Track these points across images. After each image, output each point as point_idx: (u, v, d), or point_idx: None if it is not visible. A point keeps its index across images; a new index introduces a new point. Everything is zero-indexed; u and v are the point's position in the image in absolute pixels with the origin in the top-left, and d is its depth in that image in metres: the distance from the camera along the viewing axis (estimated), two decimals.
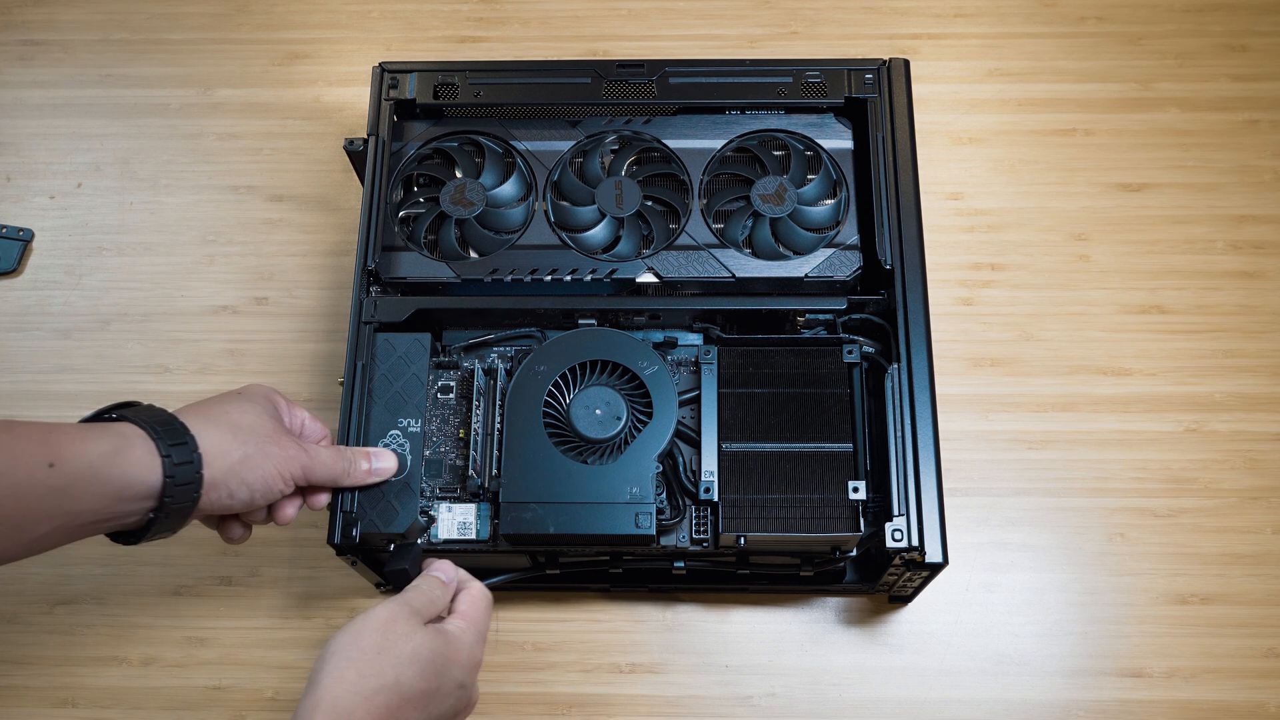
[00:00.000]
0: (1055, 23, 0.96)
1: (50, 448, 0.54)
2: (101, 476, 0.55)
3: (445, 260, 0.74)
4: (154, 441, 0.57)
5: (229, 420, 0.61)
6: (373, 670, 0.55)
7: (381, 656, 0.56)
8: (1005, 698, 0.75)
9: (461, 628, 0.60)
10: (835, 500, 0.66)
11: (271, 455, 0.61)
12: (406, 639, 0.57)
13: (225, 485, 0.60)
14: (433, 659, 0.57)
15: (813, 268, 0.73)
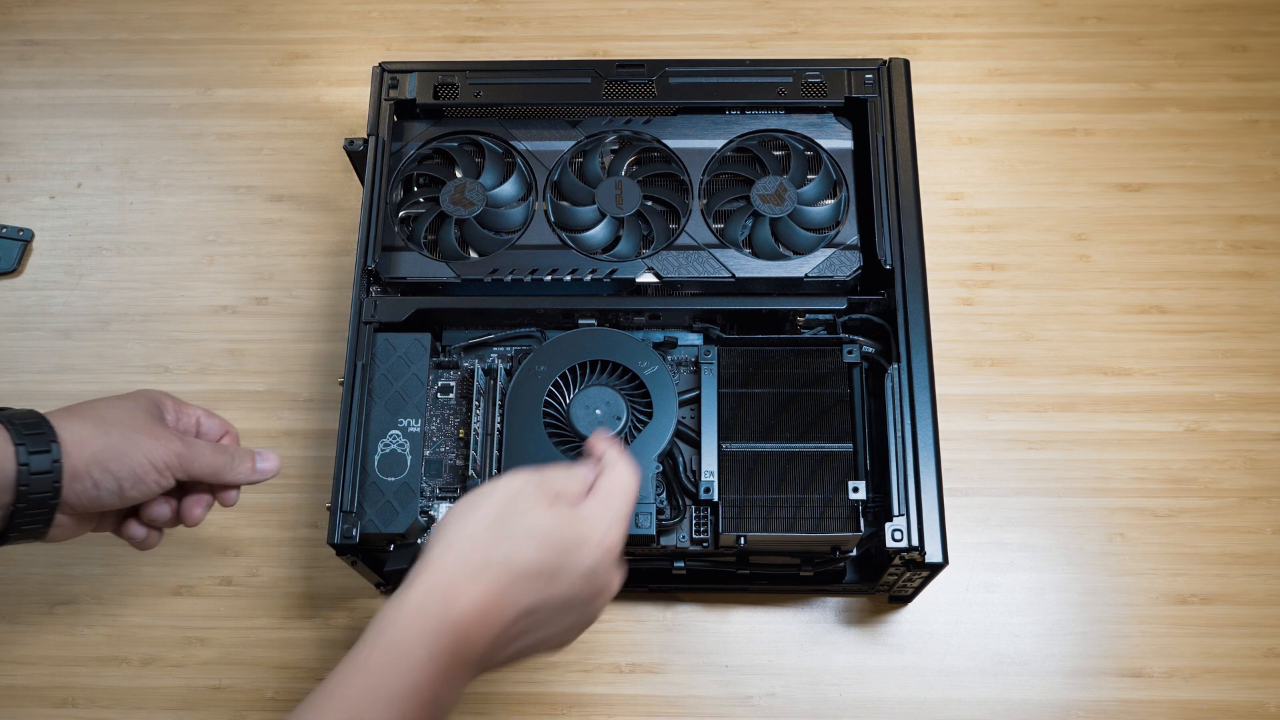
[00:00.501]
0: (1055, 23, 0.96)
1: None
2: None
3: (445, 260, 0.74)
4: (7, 431, 0.56)
5: (95, 414, 0.60)
6: (488, 542, 0.51)
7: (495, 530, 0.52)
8: (1005, 698, 0.75)
9: (594, 509, 0.54)
10: (835, 500, 0.66)
11: (140, 445, 0.60)
12: (525, 515, 0.52)
13: (89, 475, 0.59)
14: (553, 537, 0.52)
15: (813, 268, 0.73)
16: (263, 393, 0.85)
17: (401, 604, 0.50)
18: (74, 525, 0.61)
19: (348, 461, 0.68)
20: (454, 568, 0.51)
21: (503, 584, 0.51)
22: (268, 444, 0.84)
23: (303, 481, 0.82)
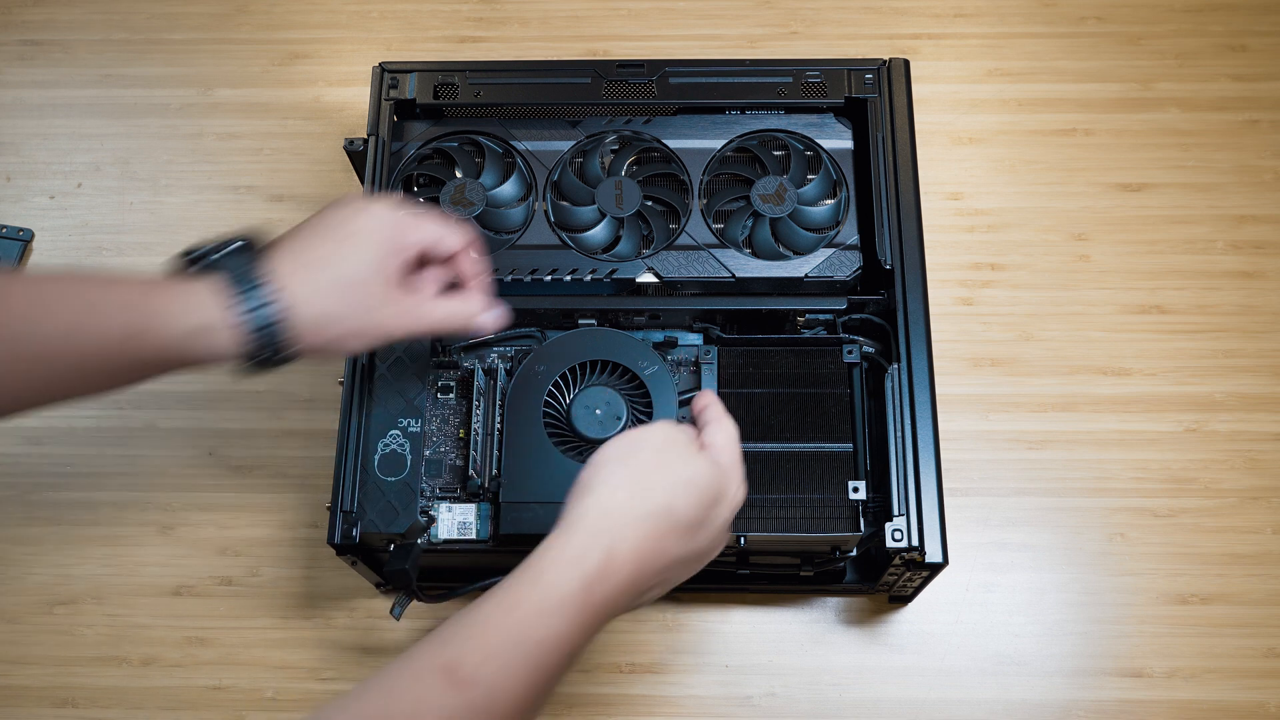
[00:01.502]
0: (1055, 23, 0.96)
1: (136, 317, 0.52)
2: (183, 351, 0.53)
3: None
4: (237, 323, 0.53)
5: (330, 280, 0.55)
6: (647, 489, 0.51)
7: (659, 475, 0.52)
8: (1005, 698, 0.75)
9: (731, 460, 0.56)
10: (835, 500, 0.66)
11: (377, 322, 0.57)
12: (685, 463, 0.53)
13: (326, 349, 0.56)
14: (708, 488, 0.53)
15: (813, 268, 0.73)
16: (263, 393, 0.85)
17: (565, 544, 0.50)
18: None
19: (348, 461, 0.68)
20: (620, 511, 0.51)
21: (661, 533, 0.51)
22: (267, 443, 0.84)
23: (303, 481, 0.82)
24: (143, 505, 0.82)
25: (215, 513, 0.82)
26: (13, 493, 0.83)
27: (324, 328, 0.55)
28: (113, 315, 0.52)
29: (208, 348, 0.53)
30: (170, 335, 0.52)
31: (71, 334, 0.51)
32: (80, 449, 0.84)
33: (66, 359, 0.51)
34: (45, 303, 0.51)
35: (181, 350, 0.53)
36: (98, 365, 0.52)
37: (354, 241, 0.57)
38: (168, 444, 0.84)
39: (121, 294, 0.53)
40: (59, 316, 0.51)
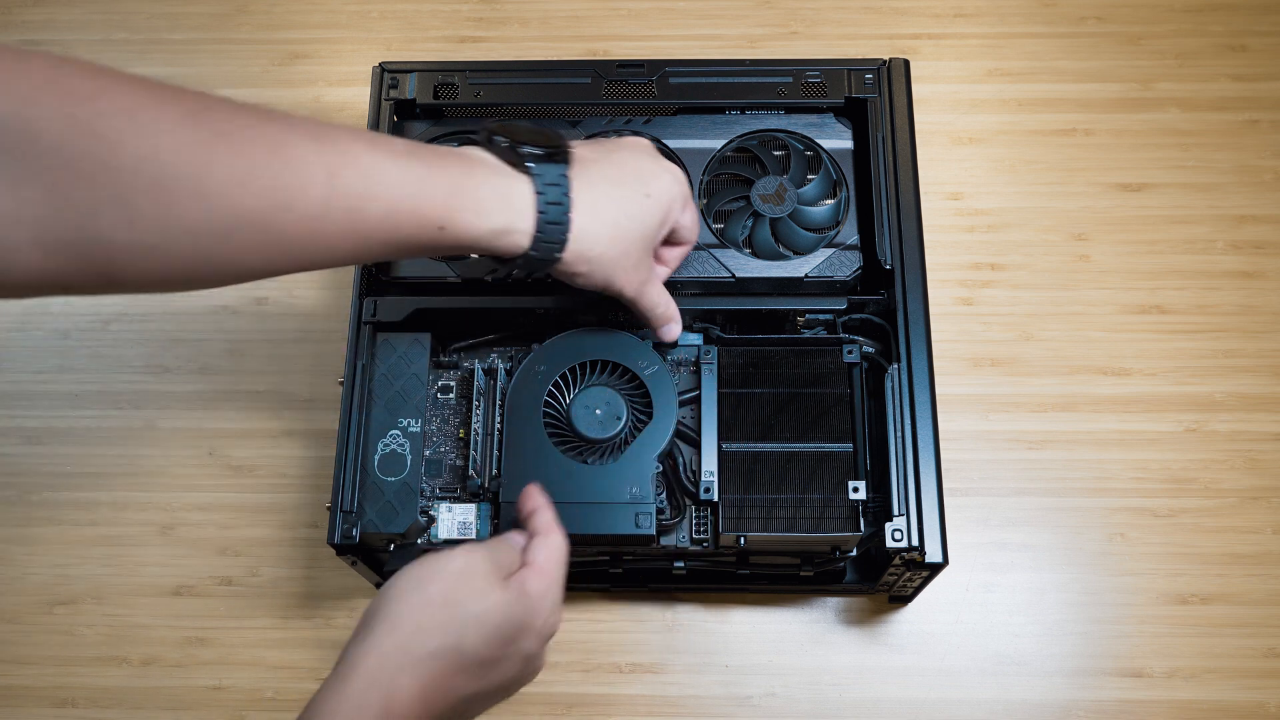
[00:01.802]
0: (1055, 23, 0.96)
1: (448, 213, 0.54)
2: (480, 246, 0.56)
3: (445, 260, 0.74)
4: (537, 236, 0.57)
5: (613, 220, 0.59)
6: (428, 629, 0.50)
7: (444, 612, 0.51)
8: (1005, 698, 0.75)
9: (542, 590, 0.54)
10: (835, 500, 0.66)
11: (615, 272, 0.61)
12: (481, 597, 0.51)
13: (572, 276, 0.60)
14: (504, 625, 0.51)
15: (813, 268, 0.73)
16: (263, 393, 0.85)
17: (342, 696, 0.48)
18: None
19: (348, 461, 0.68)
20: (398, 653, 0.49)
21: (446, 674, 0.50)
22: (267, 443, 0.84)
23: (303, 481, 0.82)
24: (143, 505, 0.82)
25: (215, 513, 0.82)
26: (13, 493, 0.83)
27: (584, 260, 0.59)
28: (431, 206, 0.53)
29: (500, 245, 0.56)
30: (476, 232, 0.55)
31: (389, 217, 0.52)
32: (80, 449, 0.84)
33: (380, 236, 0.53)
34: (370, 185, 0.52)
35: (479, 243, 0.56)
36: (403, 246, 0.54)
37: (646, 203, 0.61)
38: (168, 444, 0.84)
39: (443, 180, 0.54)
40: (380, 200, 0.52)
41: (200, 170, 0.46)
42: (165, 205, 0.45)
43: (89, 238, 0.44)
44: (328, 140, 0.51)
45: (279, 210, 0.49)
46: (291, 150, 0.49)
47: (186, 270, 0.48)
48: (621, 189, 0.60)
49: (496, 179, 0.56)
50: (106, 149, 0.44)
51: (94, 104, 0.43)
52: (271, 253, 0.50)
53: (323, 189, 0.50)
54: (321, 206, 0.50)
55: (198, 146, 0.46)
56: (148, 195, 0.45)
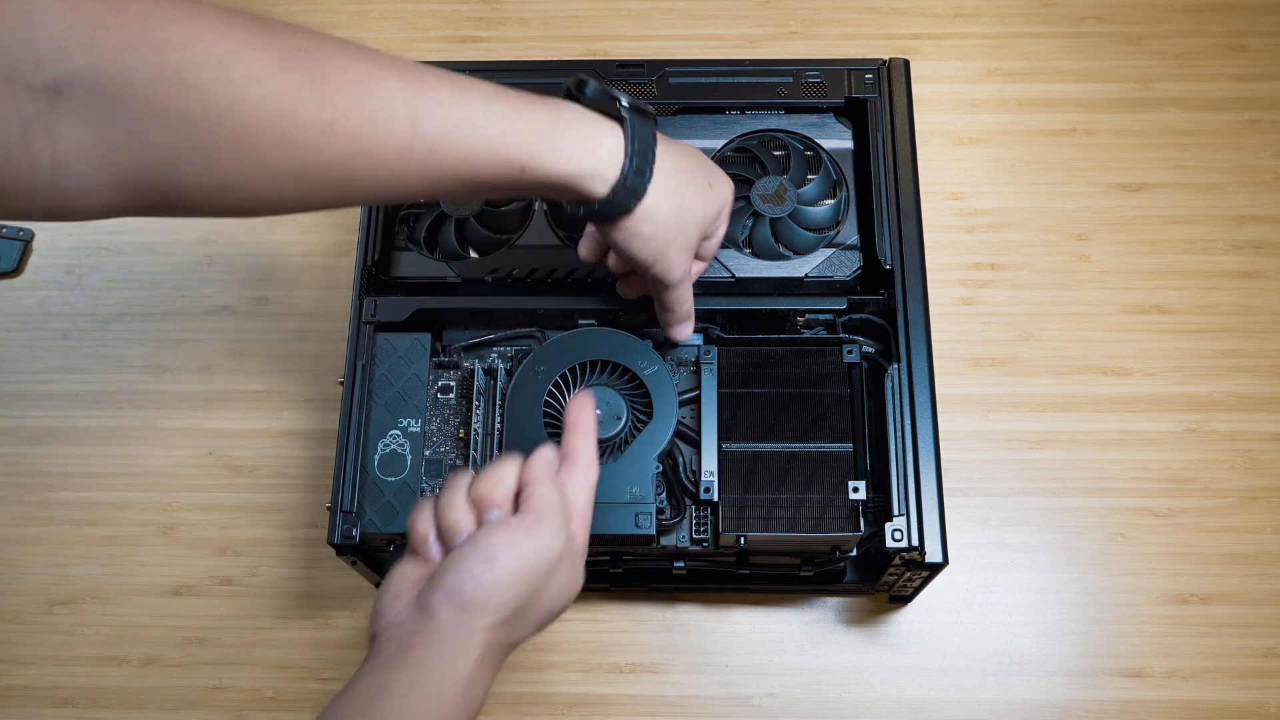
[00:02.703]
0: (1055, 23, 0.96)
1: (531, 157, 0.54)
2: (558, 189, 0.56)
3: (445, 260, 0.74)
4: (620, 175, 0.57)
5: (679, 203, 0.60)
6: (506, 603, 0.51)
7: (529, 590, 0.52)
8: (1005, 698, 0.75)
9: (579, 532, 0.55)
10: (835, 500, 0.66)
11: (665, 254, 0.61)
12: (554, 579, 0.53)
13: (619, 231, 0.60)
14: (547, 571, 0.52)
15: (813, 268, 0.73)
16: (263, 393, 0.85)
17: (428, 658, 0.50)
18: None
19: (348, 461, 0.68)
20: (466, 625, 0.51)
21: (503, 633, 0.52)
22: (267, 443, 0.84)
23: (303, 481, 0.82)
24: (143, 505, 0.82)
25: (215, 513, 0.82)
26: (13, 493, 0.83)
27: (650, 220, 0.59)
28: (515, 150, 0.54)
29: (583, 188, 0.56)
30: (558, 174, 0.55)
31: (468, 160, 0.53)
32: (80, 449, 0.84)
33: (458, 176, 0.53)
34: (454, 130, 0.52)
35: (559, 184, 0.56)
36: (480, 187, 0.55)
37: (708, 196, 0.63)
38: (168, 444, 0.84)
39: (527, 126, 0.54)
40: (463, 145, 0.52)
41: (286, 119, 0.46)
42: (247, 152, 0.46)
43: (168, 180, 0.45)
44: (415, 82, 0.51)
45: (359, 156, 0.49)
46: (378, 93, 0.49)
47: (258, 204, 0.49)
48: (692, 172, 0.62)
49: (585, 123, 0.57)
50: (194, 99, 0.44)
51: (185, 52, 0.43)
52: (348, 192, 0.51)
53: (405, 135, 0.50)
54: (402, 152, 0.50)
55: (286, 94, 0.46)
56: (231, 143, 0.45)
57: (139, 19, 0.43)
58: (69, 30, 0.41)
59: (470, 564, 0.51)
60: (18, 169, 0.42)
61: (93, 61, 0.42)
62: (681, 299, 0.66)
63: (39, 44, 0.40)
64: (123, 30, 0.42)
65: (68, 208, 0.44)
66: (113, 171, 0.44)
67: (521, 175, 0.54)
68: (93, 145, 0.43)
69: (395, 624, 0.51)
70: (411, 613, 0.51)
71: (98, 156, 0.43)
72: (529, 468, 0.55)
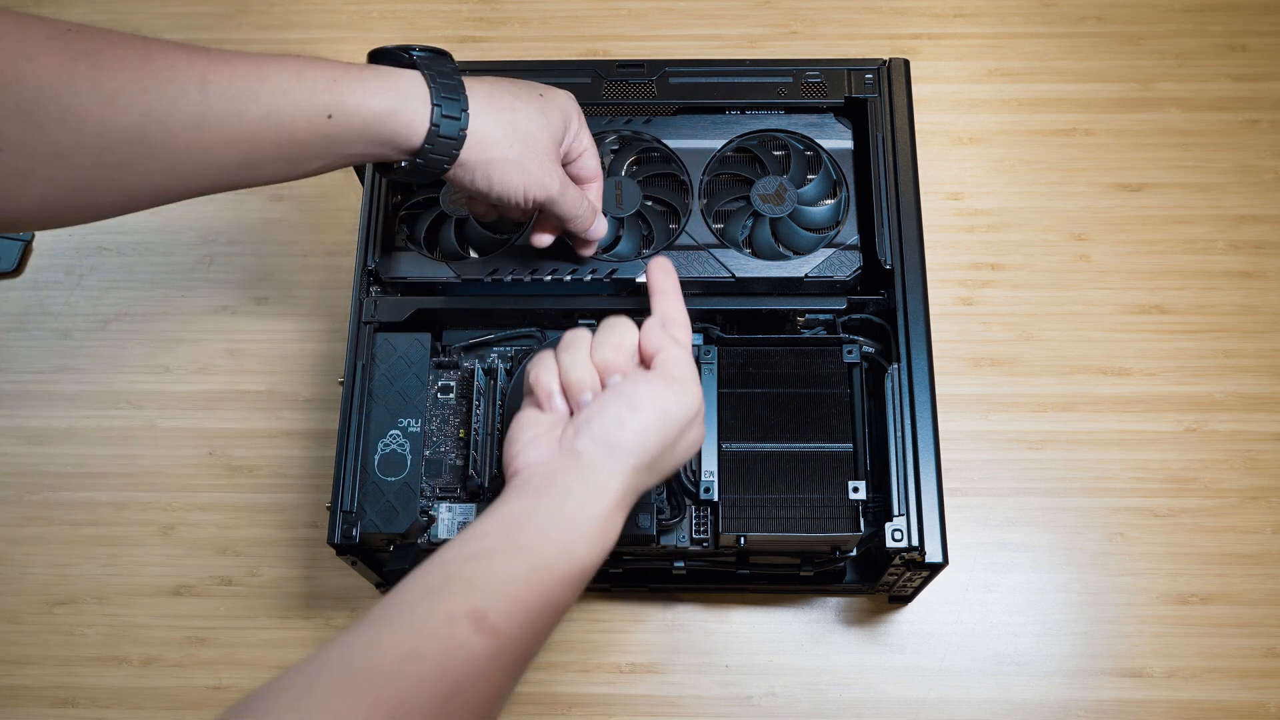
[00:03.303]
0: (1055, 23, 0.96)
1: (333, 98, 0.54)
2: (372, 130, 0.56)
3: (445, 260, 0.74)
4: (430, 108, 0.57)
5: (510, 119, 0.60)
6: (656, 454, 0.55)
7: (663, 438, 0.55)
8: (1005, 698, 0.75)
9: (696, 389, 0.58)
10: (835, 500, 0.66)
11: (527, 170, 0.61)
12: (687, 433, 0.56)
13: (472, 171, 0.60)
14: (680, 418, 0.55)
15: (813, 268, 0.73)
16: (263, 393, 0.85)
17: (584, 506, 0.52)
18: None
19: (348, 461, 0.68)
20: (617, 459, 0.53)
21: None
22: (267, 443, 0.84)
23: (303, 481, 0.82)
24: (143, 505, 0.82)
25: (215, 513, 0.82)
26: (13, 493, 0.83)
27: (486, 149, 0.59)
28: (314, 94, 0.54)
29: (396, 132, 0.56)
30: (367, 112, 0.55)
31: (271, 114, 0.52)
32: (80, 449, 0.84)
33: (266, 137, 0.53)
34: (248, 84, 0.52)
35: (372, 127, 0.56)
36: (293, 145, 0.54)
37: (543, 104, 0.62)
38: (168, 444, 0.84)
39: (322, 72, 0.54)
40: (260, 99, 0.52)
41: (64, 90, 0.46)
42: (32, 129, 0.45)
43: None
44: (199, 52, 0.51)
45: (152, 123, 0.48)
46: (160, 61, 0.49)
47: (69, 197, 0.48)
48: (516, 89, 0.62)
49: (385, 69, 0.57)
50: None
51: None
52: (153, 170, 0.50)
53: (197, 95, 0.50)
54: (197, 113, 0.50)
55: (61, 66, 0.46)
56: (13, 120, 0.45)
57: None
58: None
59: (617, 409, 0.53)
60: None
61: None
62: (574, 200, 0.65)
63: None
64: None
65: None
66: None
67: (331, 124, 0.54)
68: None
69: (539, 461, 0.53)
70: (556, 452, 0.53)
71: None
72: (649, 333, 0.57)
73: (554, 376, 0.56)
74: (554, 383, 0.56)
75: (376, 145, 0.57)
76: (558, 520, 0.51)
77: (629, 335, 0.57)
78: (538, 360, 0.57)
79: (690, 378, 0.56)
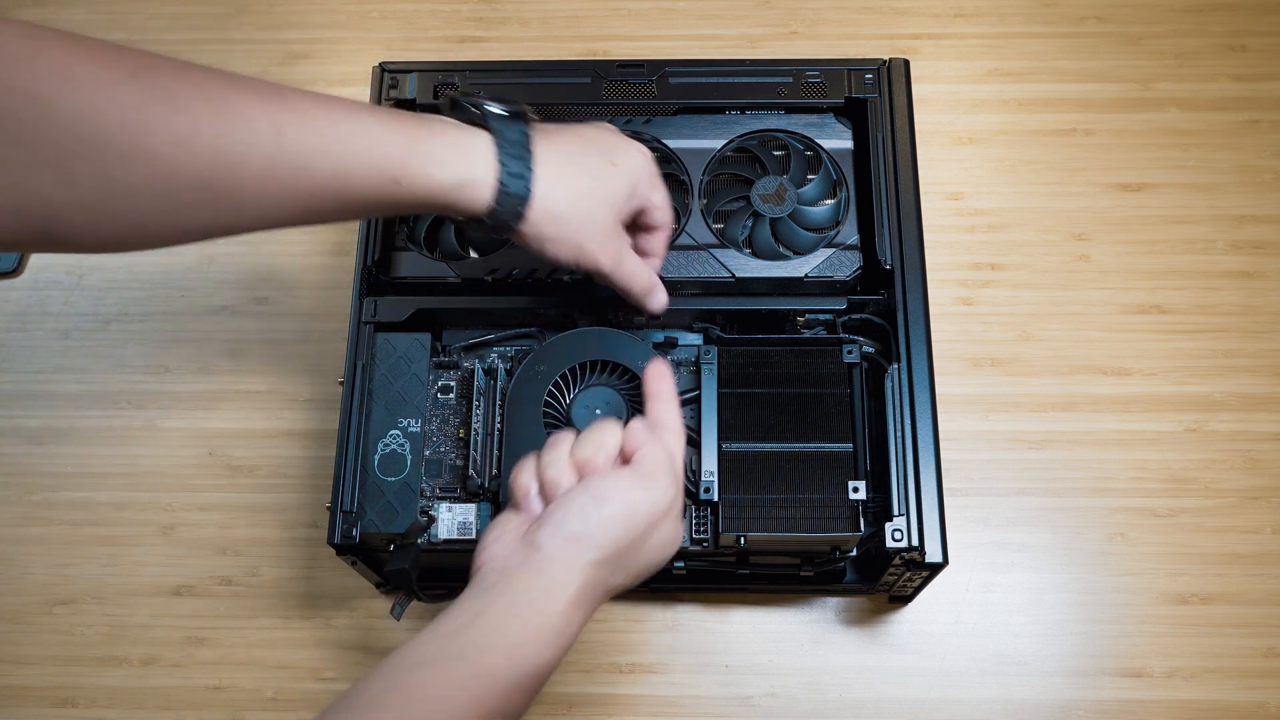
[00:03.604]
0: (1055, 23, 0.96)
1: (403, 166, 0.54)
2: (437, 200, 0.56)
3: (445, 260, 0.74)
4: (496, 184, 0.56)
5: (573, 195, 0.59)
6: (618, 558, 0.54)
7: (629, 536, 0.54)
8: (1005, 698, 0.75)
9: (677, 492, 0.57)
10: (835, 500, 0.66)
11: (581, 247, 0.60)
12: (655, 533, 0.55)
13: (526, 237, 0.59)
14: (648, 517, 0.55)
15: (813, 268, 0.73)
16: (263, 393, 0.85)
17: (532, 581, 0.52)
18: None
19: (348, 461, 0.68)
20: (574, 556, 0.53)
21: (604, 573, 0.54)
22: (267, 443, 0.84)
23: (303, 481, 0.82)
24: (143, 505, 0.82)
25: (215, 513, 0.82)
26: (13, 493, 0.83)
27: (551, 221, 0.58)
28: (383, 159, 0.53)
29: (463, 200, 0.56)
30: (434, 184, 0.55)
31: (339, 174, 0.52)
32: (80, 449, 0.84)
33: (331, 193, 0.53)
34: (319, 140, 0.51)
35: (438, 197, 0.56)
36: (356, 203, 0.54)
37: (612, 170, 0.61)
38: (168, 444, 0.84)
39: (395, 136, 0.54)
40: (330, 157, 0.52)
41: (139, 131, 0.45)
42: (103, 166, 0.45)
43: (24, 197, 0.44)
44: (274, 97, 0.50)
45: (223, 169, 0.48)
46: (236, 106, 0.49)
47: (131, 230, 0.48)
48: (586, 156, 0.60)
49: (455, 132, 0.56)
50: (41, 111, 0.43)
51: (30, 66, 0.43)
52: (218, 212, 0.50)
53: (269, 147, 0.49)
54: (267, 165, 0.49)
55: (137, 107, 0.45)
56: (84, 157, 0.45)
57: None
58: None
59: (581, 501, 0.53)
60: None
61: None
62: (630, 276, 0.64)
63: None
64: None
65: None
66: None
67: (397, 188, 0.54)
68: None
69: (500, 556, 0.53)
70: (517, 546, 0.53)
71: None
72: (632, 434, 0.56)
73: (532, 476, 0.56)
74: (532, 483, 0.56)
75: (439, 209, 0.57)
76: (508, 620, 0.50)
77: (611, 436, 0.56)
78: (519, 462, 0.57)
79: (666, 476, 0.55)
